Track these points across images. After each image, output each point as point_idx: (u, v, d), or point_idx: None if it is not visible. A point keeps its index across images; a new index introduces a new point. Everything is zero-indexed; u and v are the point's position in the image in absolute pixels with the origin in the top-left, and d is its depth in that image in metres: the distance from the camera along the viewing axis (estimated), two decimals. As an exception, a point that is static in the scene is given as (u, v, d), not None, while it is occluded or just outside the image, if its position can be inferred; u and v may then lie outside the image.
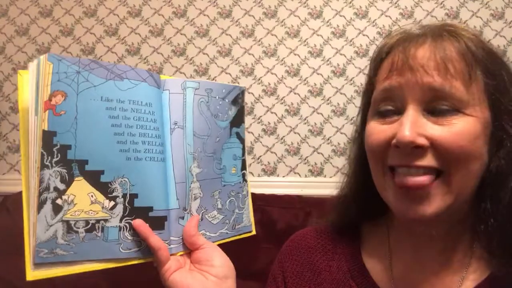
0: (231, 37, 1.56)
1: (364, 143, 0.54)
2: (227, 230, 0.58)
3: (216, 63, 1.56)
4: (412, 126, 0.45)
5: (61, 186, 0.43)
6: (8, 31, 1.60)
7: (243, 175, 0.61)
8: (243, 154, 0.61)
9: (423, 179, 0.45)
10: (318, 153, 1.51)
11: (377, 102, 0.51)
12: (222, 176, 0.58)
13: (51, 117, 0.43)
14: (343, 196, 0.61)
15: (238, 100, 0.60)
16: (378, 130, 0.49)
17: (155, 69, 1.57)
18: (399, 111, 0.48)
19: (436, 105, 0.46)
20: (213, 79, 1.55)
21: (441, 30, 0.49)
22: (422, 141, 0.45)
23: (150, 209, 0.49)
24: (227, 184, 0.59)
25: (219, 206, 0.57)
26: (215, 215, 0.57)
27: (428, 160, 0.45)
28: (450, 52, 0.46)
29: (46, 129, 0.43)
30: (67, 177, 0.44)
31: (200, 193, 0.55)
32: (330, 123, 1.52)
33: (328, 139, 1.51)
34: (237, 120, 0.60)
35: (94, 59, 0.49)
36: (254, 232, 0.62)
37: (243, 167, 0.61)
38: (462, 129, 0.45)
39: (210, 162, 0.56)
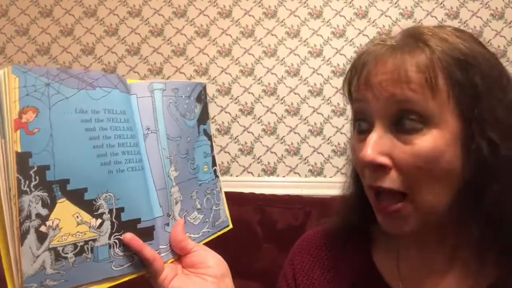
0: (231, 37, 1.56)
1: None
2: (208, 229, 0.57)
3: (216, 63, 1.56)
4: (374, 145, 0.45)
5: (44, 212, 0.40)
6: (8, 31, 1.60)
7: (215, 171, 0.61)
8: (212, 151, 0.60)
9: (395, 207, 0.47)
10: (318, 153, 1.51)
11: (354, 113, 0.52)
12: (196, 175, 0.57)
13: (23, 136, 0.39)
14: (347, 199, 0.61)
15: (201, 96, 0.59)
16: (357, 148, 0.50)
17: (155, 69, 1.57)
18: (370, 128, 0.49)
19: (400, 117, 0.46)
20: (213, 79, 1.55)
21: (406, 41, 0.48)
22: (384, 160, 0.45)
23: (138, 221, 0.47)
24: (202, 183, 0.58)
25: (198, 206, 0.56)
26: (196, 216, 0.56)
27: (393, 182, 0.46)
28: (408, 66, 0.45)
29: (19, 150, 0.38)
30: (48, 200, 0.40)
31: (180, 196, 0.53)
32: (330, 123, 1.52)
33: (328, 139, 1.51)
34: (203, 117, 0.59)
35: (63, 67, 0.46)
36: (231, 226, 0.62)
37: (214, 163, 0.61)
38: (422, 149, 0.44)
39: (185, 163, 0.55)
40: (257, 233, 1.30)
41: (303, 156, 1.51)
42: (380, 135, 0.46)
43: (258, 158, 1.52)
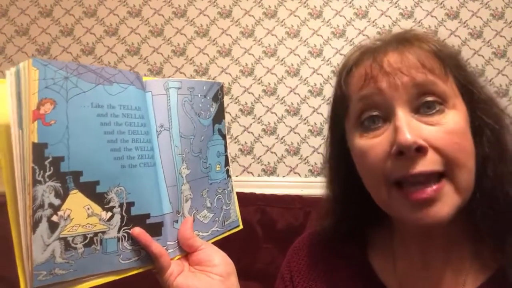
0: (231, 37, 1.56)
1: (343, 162, 0.55)
2: (217, 228, 0.58)
3: (216, 63, 1.56)
4: (409, 128, 0.45)
5: (56, 202, 0.41)
6: (8, 31, 1.60)
7: (227, 171, 0.61)
8: (226, 150, 0.61)
9: (434, 187, 0.45)
10: (318, 153, 1.51)
11: (358, 112, 0.50)
12: (208, 174, 0.58)
13: (40, 127, 0.40)
14: (340, 202, 0.61)
15: (218, 96, 0.59)
16: (372, 145, 0.48)
17: (155, 69, 1.57)
18: (385, 118, 0.48)
19: (422, 100, 0.47)
20: (213, 79, 1.55)
21: (405, 37, 0.51)
22: (423, 142, 0.44)
23: (147, 216, 0.48)
24: (214, 182, 0.59)
25: (208, 204, 0.57)
26: (205, 214, 0.56)
27: (431, 164, 0.45)
28: (422, 53, 0.48)
29: (36, 141, 0.39)
30: (61, 191, 0.41)
31: (190, 194, 0.54)
32: (330, 123, 1.52)
33: (328, 139, 1.51)
34: (218, 117, 0.59)
35: (81, 63, 0.47)
36: (241, 227, 0.62)
37: (227, 163, 0.61)
38: (453, 126, 0.46)
39: (197, 161, 0.56)
40: (257, 233, 1.30)
41: (303, 156, 1.51)
42: (408, 119, 0.46)
43: (258, 158, 1.52)
